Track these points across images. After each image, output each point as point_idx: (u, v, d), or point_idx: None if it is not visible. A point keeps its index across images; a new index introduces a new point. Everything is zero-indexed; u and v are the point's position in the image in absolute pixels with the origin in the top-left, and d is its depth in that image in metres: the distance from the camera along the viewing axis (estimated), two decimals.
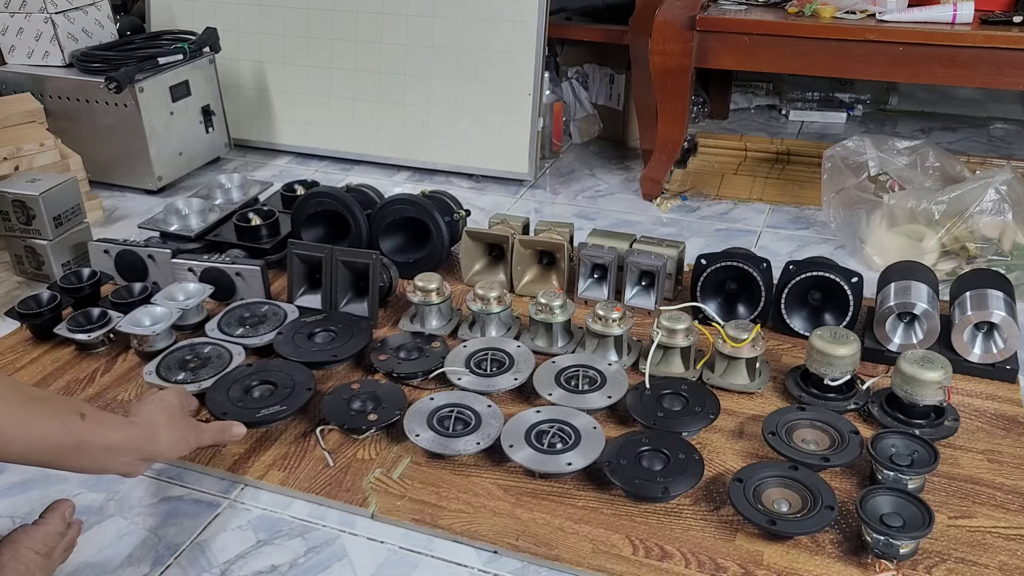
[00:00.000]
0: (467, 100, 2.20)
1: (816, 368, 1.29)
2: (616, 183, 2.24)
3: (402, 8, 2.22)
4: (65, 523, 1.01)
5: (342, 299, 1.55)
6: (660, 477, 1.12)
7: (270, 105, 2.43)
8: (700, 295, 1.52)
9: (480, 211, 2.03)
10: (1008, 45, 1.71)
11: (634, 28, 2.14)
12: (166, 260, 1.60)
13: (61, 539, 1.00)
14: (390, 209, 1.68)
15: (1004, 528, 1.07)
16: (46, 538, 0.98)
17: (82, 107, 2.12)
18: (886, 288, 1.43)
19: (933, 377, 1.19)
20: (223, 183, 1.94)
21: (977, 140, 2.49)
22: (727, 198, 2.10)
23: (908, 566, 1.02)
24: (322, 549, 1.08)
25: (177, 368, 1.36)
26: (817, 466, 1.12)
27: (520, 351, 1.39)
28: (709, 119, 2.71)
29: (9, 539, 0.96)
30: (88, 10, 2.22)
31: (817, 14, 1.88)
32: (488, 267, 1.68)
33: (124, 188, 2.21)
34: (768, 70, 2.25)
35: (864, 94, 2.76)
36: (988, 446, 1.22)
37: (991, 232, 1.63)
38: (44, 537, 0.98)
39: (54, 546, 0.99)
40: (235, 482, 1.19)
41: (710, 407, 1.25)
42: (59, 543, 1.00)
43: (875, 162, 1.84)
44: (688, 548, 1.05)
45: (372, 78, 2.29)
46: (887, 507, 1.04)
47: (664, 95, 2.00)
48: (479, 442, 1.19)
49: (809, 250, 1.82)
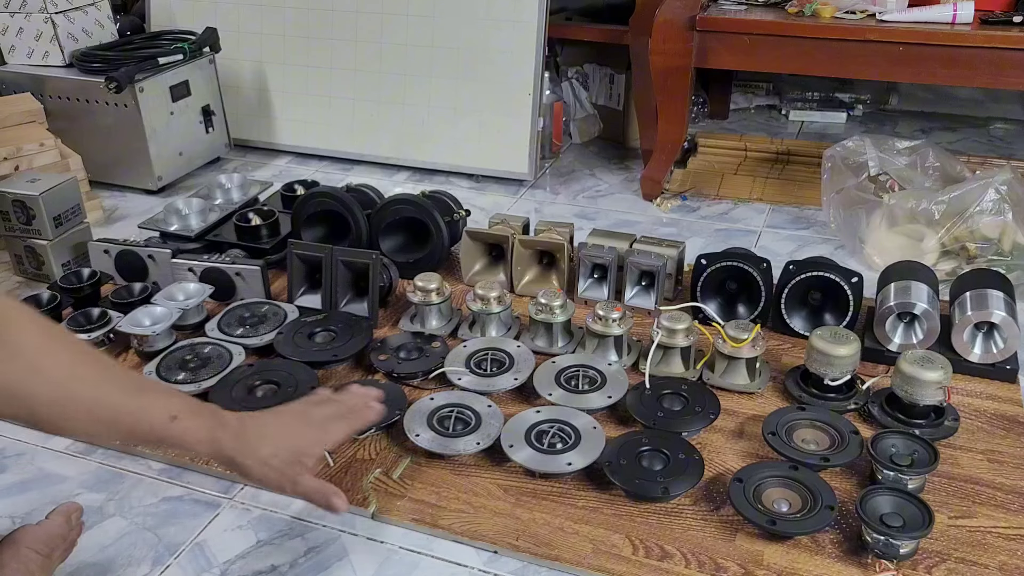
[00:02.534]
0: (467, 100, 2.20)
1: (816, 368, 1.29)
2: (616, 183, 2.24)
3: (402, 8, 2.22)
4: (69, 525, 1.01)
5: (342, 299, 1.55)
6: (660, 477, 1.12)
7: (270, 105, 2.43)
8: (700, 295, 1.52)
9: (480, 211, 2.03)
10: (1008, 45, 1.71)
11: (634, 28, 2.14)
12: (166, 260, 1.60)
13: (63, 541, 1.00)
14: (390, 209, 1.68)
15: (1004, 528, 1.07)
16: (48, 539, 0.98)
17: (82, 107, 2.12)
18: (886, 288, 1.43)
19: (933, 377, 1.19)
20: (223, 183, 1.94)
21: (977, 140, 2.49)
22: (727, 198, 2.10)
23: (908, 566, 1.02)
24: (322, 549, 1.08)
25: (177, 368, 1.36)
26: (817, 466, 1.12)
27: (520, 351, 1.39)
28: (709, 119, 2.71)
29: (11, 538, 0.96)
30: (88, 10, 2.22)
31: (817, 14, 1.88)
32: (488, 267, 1.68)
33: (124, 188, 2.21)
34: (768, 70, 2.25)
35: (864, 94, 2.76)
36: (988, 446, 1.22)
37: (991, 232, 1.63)
38: (46, 537, 0.97)
39: (55, 547, 0.98)
40: (235, 482, 1.19)
41: (710, 407, 1.25)
42: (61, 544, 1.00)
43: (875, 162, 1.84)
44: (688, 548, 1.05)
45: (372, 78, 2.29)
46: (887, 507, 1.04)
47: (664, 95, 2.00)
48: (479, 442, 1.19)
49: (809, 250, 1.82)
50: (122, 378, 0.87)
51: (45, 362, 0.78)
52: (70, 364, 0.79)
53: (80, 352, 0.83)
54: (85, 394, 0.80)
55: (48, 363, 0.78)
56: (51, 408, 0.76)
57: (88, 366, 0.82)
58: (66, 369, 0.78)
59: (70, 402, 0.78)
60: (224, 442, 0.91)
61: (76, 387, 0.79)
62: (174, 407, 0.87)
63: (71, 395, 0.78)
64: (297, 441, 0.96)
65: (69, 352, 0.81)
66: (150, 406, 0.85)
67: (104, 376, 0.83)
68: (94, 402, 0.81)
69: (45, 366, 0.78)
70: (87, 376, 0.80)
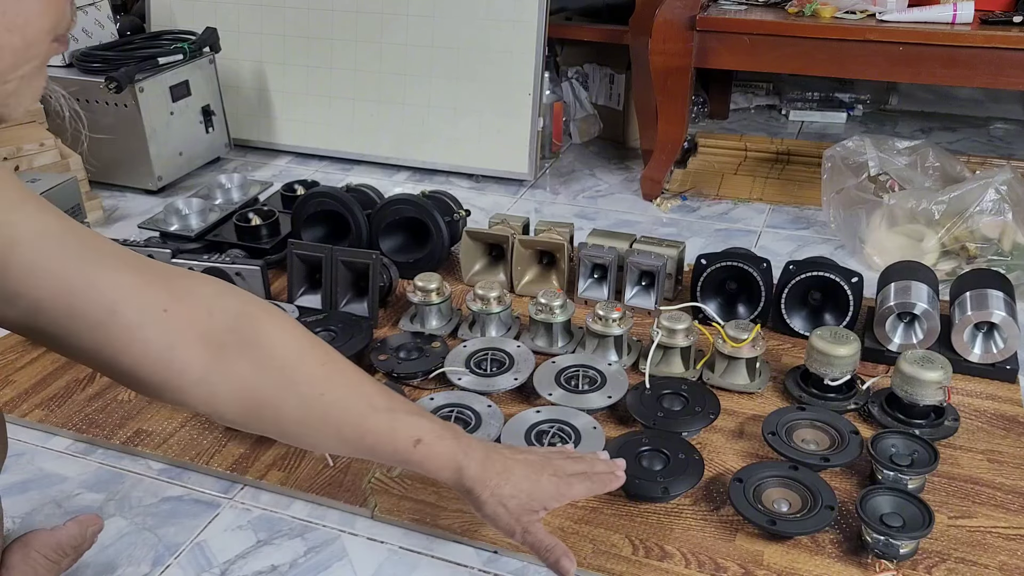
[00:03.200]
0: (467, 100, 2.20)
1: (816, 368, 1.29)
2: (616, 183, 2.24)
3: (402, 8, 2.22)
4: (83, 537, 1.00)
5: (342, 299, 1.55)
6: (660, 477, 1.12)
7: (270, 105, 2.43)
8: (700, 295, 1.52)
9: (480, 211, 2.03)
10: (1008, 45, 1.71)
11: (634, 28, 2.14)
12: (166, 260, 1.60)
13: (74, 551, 0.99)
14: (390, 209, 1.68)
15: (1004, 528, 1.07)
16: (59, 546, 0.96)
17: (82, 107, 2.12)
18: (886, 288, 1.43)
19: (933, 377, 1.19)
20: (223, 183, 1.94)
21: (977, 140, 2.49)
22: (727, 198, 2.10)
23: (908, 566, 1.02)
24: (322, 549, 1.09)
25: None
26: (817, 466, 1.12)
27: (520, 351, 1.39)
28: (709, 119, 2.71)
29: (23, 540, 0.96)
30: (88, 10, 2.22)
31: (817, 14, 1.87)
32: (488, 267, 1.68)
33: (124, 188, 2.21)
34: (768, 70, 2.25)
35: (864, 94, 2.76)
36: (988, 446, 1.22)
37: (991, 232, 1.63)
38: (57, 544, 0.96)
39: (65, 555, 0.97)
40: (235, 482, 1.19)
41: (710, 407, 1.25)
42: (72, 554, 0.99)
43: (875, 162, 1.84)
44: (688, 548, 1.05)
45: (372, 78, 2.29)
46: (887, 507, 1.04)
47: (664, 95, 2.00)
48: None
49: (809, 250, 1.82)
50: (370, 393, 0.82)
51: (299, 373, 0.74)
52: (324, 378, 0.74)
53: (331, 363, 0.78)
54: (335, 414, 0.75)
55: (302, 375, 0.74)
56: (299, 427, 0.71)
57: (338, 379, 0.77)
58: (320, 384, 0.72)
59: (320, 422, 0.74)
60: (466, 471, 0.87)
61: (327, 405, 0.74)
62: (420, 429, 0.84)
63: (322, 415, 0.74)
64: (539, 488, 0.91)
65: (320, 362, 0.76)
66: (396, 428, 0.82)
67: (354, 392, 0.79)
68: (343, 422, 0.77)
69: (299, 378, 0.74)
70: (338, 392, 0.76)
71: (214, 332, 0.72)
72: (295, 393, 0.74)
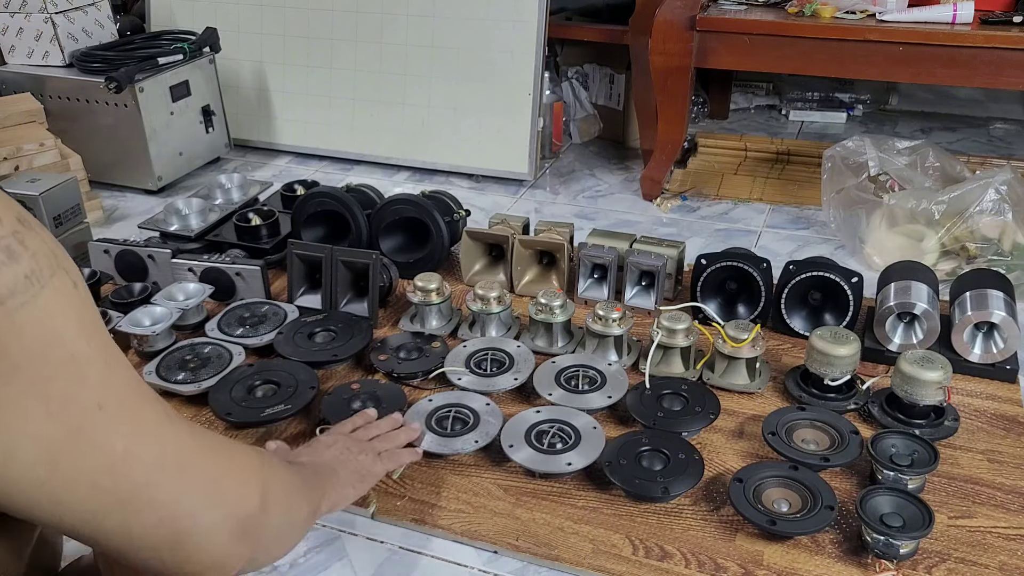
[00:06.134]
0: (467, 100, 2.20)
1: (816, 368, 1.29)
2: (616, 183, 2.24)
3: (402, 8, 2.22)
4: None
5: (342, 299, 1.55)
6: (660, 477, 1.12)
7: (270, 105, 2.43)
8: (700, 295, 1.52)
9: (480, 211, 2.03)
10: (1008, 45, 1.71)
11: (634, 28, 2.14)
12: (166, 260, 1.60)
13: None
14: (390, 209, 1.68)
15: (1004, 528, 1.07)
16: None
17: (82, 107, 2.12)
18: (886, 288, 1.43)
19: (933, 377, 1.19)
20: (223, 183, 1.94)
21: (977, 140, 2.49)
22: (727, 198, 2.10)
23: (908, 566, 1.02)
24: (322, 549, 1.09)
25: (177, 368, 1.36)
26: (817, 466, 1.12)
27: (520, 351, 1.39)
28: (709, 119, 2.71)
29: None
30: (88, 10, 2.22)
31: (817, 14, 1.87)
32: (488, 267, 1.68)
33: (124, 188, 2.21)
34: (768, 70, 2.25)
35: (864, 94, 2.76)
36: (988, 446, 1.22)
37: (991, 232, 1.63)
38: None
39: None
40: None
41: (710, 407, 1.25)
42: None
43: (875, 162, 1.84)
44: (688, 548, 1.05)
45: (372, 78, 2.29)
46: (887, 507, 1.04)
47: (664, 95, 2.00)
48: (477, 440, 1.19)
49: (809, 250, 1.82)
50: (309, 497, 0.86)
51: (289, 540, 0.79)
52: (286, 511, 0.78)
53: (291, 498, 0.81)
54: (295, 536, 0.80)
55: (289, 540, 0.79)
56: (269, 552, 0.75)
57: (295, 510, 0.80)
58: (283, 516, 0.76)
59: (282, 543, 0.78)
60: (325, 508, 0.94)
61: (290, 527, 0.78)
62: (316, 496, 0.90)
63: (287, 540, 0.78)
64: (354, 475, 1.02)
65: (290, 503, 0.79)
66: (315, 503, 0.88)
67: (303, 512, 0.83)
68: (298, 532, 0.82)
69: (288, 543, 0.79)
70: (296, 517, 0.80)
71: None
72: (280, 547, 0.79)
